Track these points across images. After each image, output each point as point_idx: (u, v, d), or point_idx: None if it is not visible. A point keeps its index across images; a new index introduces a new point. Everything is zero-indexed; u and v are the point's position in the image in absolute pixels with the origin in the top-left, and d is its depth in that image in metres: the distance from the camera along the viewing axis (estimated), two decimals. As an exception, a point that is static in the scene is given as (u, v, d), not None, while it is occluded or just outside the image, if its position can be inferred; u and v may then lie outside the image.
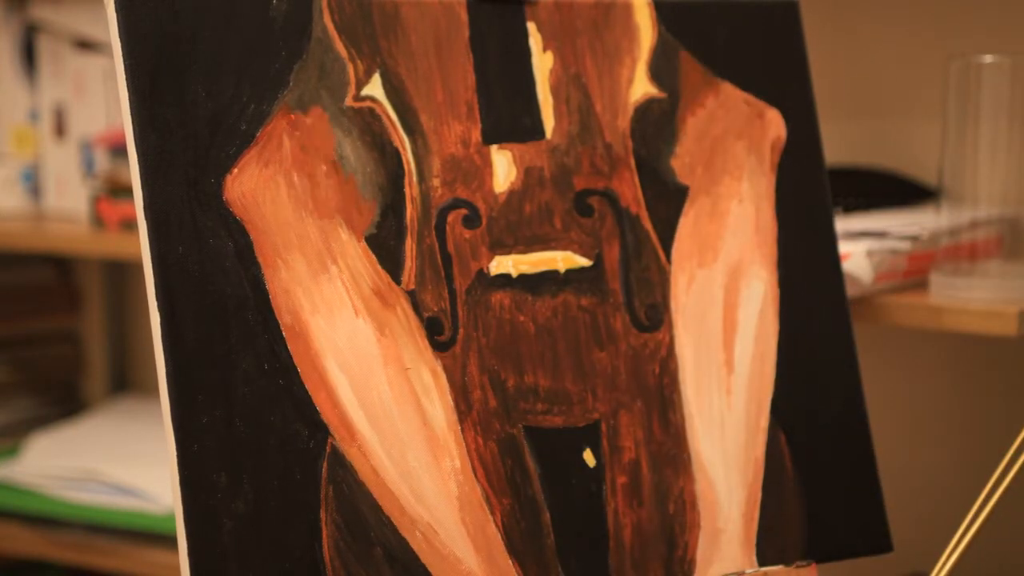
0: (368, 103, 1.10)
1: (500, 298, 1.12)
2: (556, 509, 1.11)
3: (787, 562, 1.18)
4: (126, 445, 1.93)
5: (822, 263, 1.24)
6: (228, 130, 1.05)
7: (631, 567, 1.13)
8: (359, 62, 1.10)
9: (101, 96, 1.95)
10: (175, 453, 1.00)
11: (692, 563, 1.15)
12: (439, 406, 1.08)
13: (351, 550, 1.04)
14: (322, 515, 1.03)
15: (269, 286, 1.04)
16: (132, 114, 1.02)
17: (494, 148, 1.14)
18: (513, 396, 1.11)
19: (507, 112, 1.15)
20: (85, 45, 1.96)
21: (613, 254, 1.16)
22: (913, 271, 1.36)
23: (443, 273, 1.11)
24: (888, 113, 1.62)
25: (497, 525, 1.09)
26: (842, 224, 1.33)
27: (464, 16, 1.14)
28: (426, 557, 1.06)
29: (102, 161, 1.93)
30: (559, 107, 1.17)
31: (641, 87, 1.20)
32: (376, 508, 1.05)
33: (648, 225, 1.18)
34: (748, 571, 1.17)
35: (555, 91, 1.17)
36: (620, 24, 1.20)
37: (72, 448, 1.95)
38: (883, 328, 1.40)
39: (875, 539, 1.23)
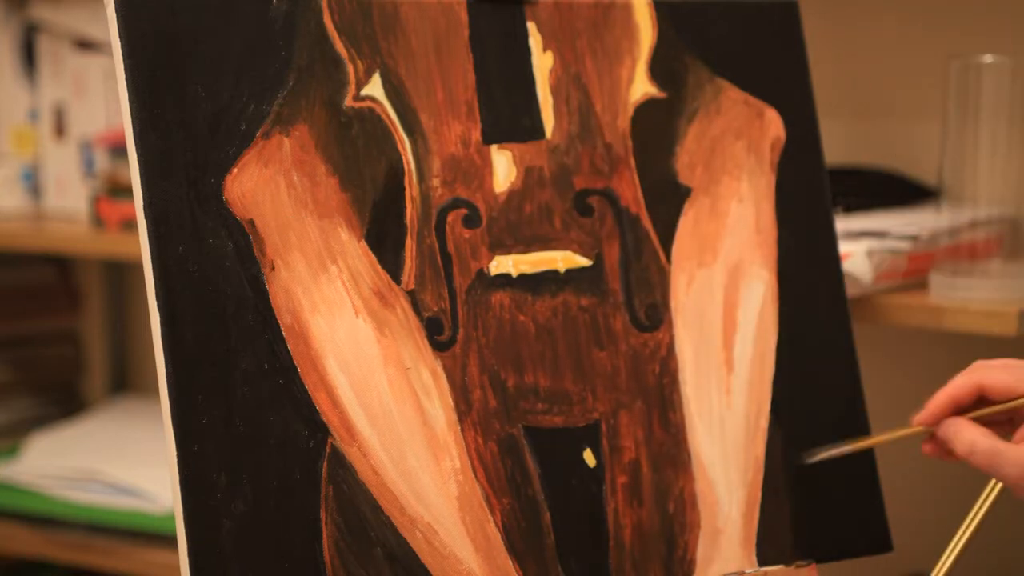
0: (368, 103, 1.10)
1: (500, 298, 1.12)
2: (556, 509, 1.11)
3: (787, 562, 1.18)
4: (126, 445, 1.92)
5: (822, 263, 1.24)
6: (228, 130, 1.05)
7: (631, 567, 1.13)
8: (359, 62, 1.10)
9: (101, 96, 1.95)
10: (175, 453, 1.00)
11: (692, 563, 1.15)
12: (439, 406, 1.08)
13: (351, 550, 1.04)
14: (322, 515, 1.03)
15: (269, 286, 1.04)
16: (132, 114, 1.02)
17: (494, 148, 1.14)
18: (513, 396, 1.11)
19: (507, 112, 1.15)
20: (85, 45, 1.96)
21: (613, 254, 1.16)
22: (913, 271, 1.36)
23: (443, 273, 1.11)
24: (888, 113, 1.62)
25: (497, 525, 1.09)
26: (842, 224, 1.33)
27: (464, 16, 1.14)
28: (426, 557, 1.06)
29: (102, 161, 1.93)
30: (559, 107, 1.17)
31: (641, 87, 1.20)
32: (376, 508, 1.05)
33: (648, 225, 1.18)
34: (748, 571, 1.17)
35: (555, 91, 1.17)
36: (620, 24, 1.20)
37: (72, 448, 1.94)
38: (883, 328, 1.40)
39: (875, 539, 1.23)
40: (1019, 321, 1.28)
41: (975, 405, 1.07)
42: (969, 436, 1.05)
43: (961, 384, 1.07)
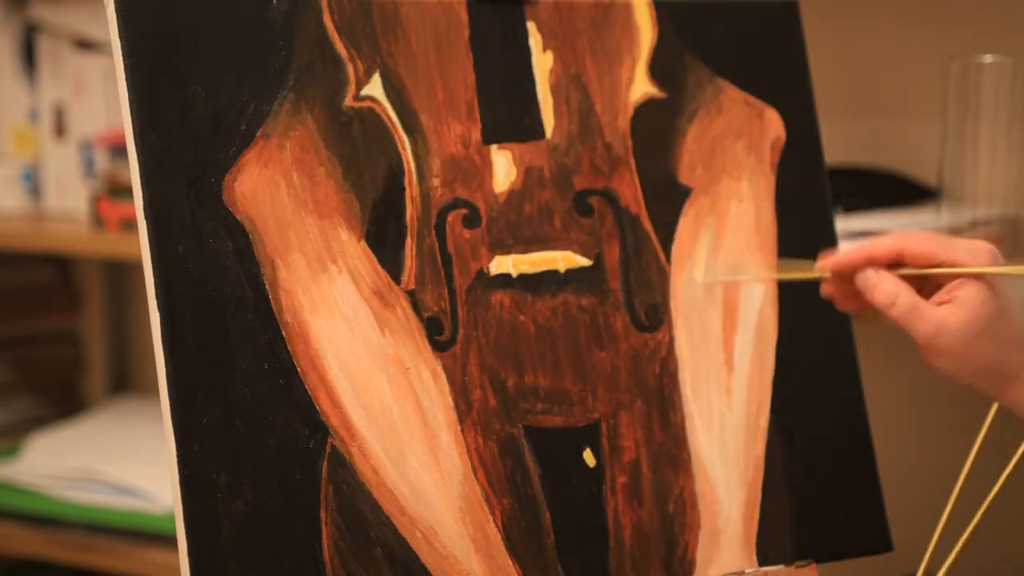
0: (368, 103, 1.10)
1: (500, 298, 1.12)
2: (556, 509, 1.11)
3: (787, 562, 1.18)
4: (126, 445, 1.92)
5: (822, 263, 1.24)
6: (228, 130, 1.05)
7: (631, 567, 1.13)
8: (359, 62, 1.10)
9: (101, 96, 1.95)
10: (175, 453, 1.00)
11: (692, 563, 1.15)
12: (439, 406, 1.08)
13: (351, 550, 1.04)
14: (322, 515, 1.03)
15: (269, 286, 1.04)
16: (132, 114, 1.02)
17: (494, 148, 1.14)
18: (513, 396, 1.11)
19: (507, 112, 1.15)
20: (85, 45, 1.96)
21: (613, 254, 1.16)
22: (913, 271, 1.36)
23: (443, 273, 1.11)
24: (888, 113, 1.62)
25: (497, 525, 1.09)
26: (842, 224, 1.33)
27: (464, 16, 1.14)
28: (426, 557, 1.06)
29: (102, 161, 1.93)
30: (559, 107, 1.17)
31: (641, 87, 1.20)
32: (376, 508, 1.05)
33: (648, 225, 1.18)
34: (748, 571, 1.17)
35: (555, 91, 1.17)
36: (620, 24, 1.20)
37: (72, 448, 1.95)
38: (883, 328, 1.40)
39: (875, 539, 1.23)
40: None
41: (890, 267, 1.09)
42: (893, 287, 1.07)
43: (882, 244, 1.08)
